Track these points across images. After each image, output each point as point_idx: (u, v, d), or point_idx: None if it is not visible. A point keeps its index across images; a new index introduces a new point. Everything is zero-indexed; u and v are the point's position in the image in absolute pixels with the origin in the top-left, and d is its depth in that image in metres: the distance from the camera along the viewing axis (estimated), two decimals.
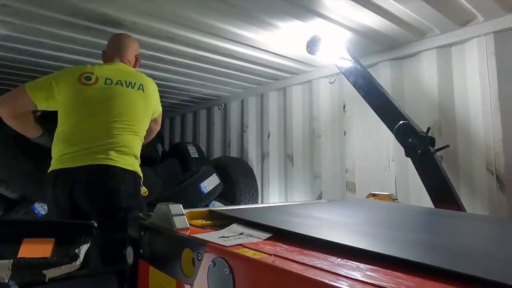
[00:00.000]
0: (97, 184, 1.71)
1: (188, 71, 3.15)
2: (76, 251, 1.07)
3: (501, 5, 1.99)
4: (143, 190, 1.91)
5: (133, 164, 1.84)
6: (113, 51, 2.09)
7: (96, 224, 1.14)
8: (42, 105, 1.84)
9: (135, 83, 1.95)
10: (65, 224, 1.27)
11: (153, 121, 2.15)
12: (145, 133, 2.00)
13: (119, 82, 1.90)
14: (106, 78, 1.88)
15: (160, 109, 2.18)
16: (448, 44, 2.34)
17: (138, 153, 1.90)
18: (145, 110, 1.99)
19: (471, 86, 2.24)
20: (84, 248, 1.09)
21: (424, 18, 2.17)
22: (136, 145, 1.90)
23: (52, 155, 1.81)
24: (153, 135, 2.28)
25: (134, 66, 2.17)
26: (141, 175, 1.90)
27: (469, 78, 2.26)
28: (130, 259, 1.09)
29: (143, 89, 1.97)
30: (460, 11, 2.08)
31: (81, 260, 1.06)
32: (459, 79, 2.31)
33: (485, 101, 2.15)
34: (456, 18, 2.16)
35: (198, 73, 3.19)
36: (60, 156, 1.75)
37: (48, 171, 1.78)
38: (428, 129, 2.04)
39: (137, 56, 2.20)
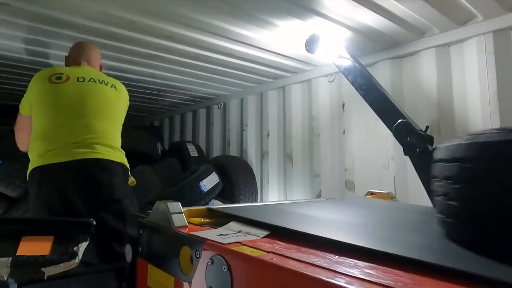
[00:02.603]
0: (90, 178, 1.69)
1: (187, 70, 3.15)
2: (74, 249, 1.07)
3: (500, 4, 1.99)
4: (131, 180, 1.96)
5: (120, 156, 1.88)
6: (79, 55, 2.11)
7: (94, 222, 1.14)
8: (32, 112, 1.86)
9: (108, 82, 2.01)
10: (64, 222, 1.27)
11: None
12: (121, 127, 2.01)
13: (91, 80, 1.93)
14: (78, 77, 1.91)
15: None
16: (447, 43, 2.34)
17: (120, 145, 1.93)
18: (121, 105, 2.05)
19: (470, 85, 2.24)
20: (83, 246, 1.09)
21: (423, 17, 2.17)
22: (118, 138, 1.94)
23: (31, 154, 1.76)
24: None
25: None
26: (128, 166, 1.93)
27: (468, 77, 2.26)
28: (128, 257, 1.09)
29: (115, 88, 2.04)
30: (459, 10, 2.07)
31: (79, 258, 1.06)
32: (458, 78, 2.31)
33: (484, 100, 2.15)
34: (455, 17, 2.16)
35: (197, 72, 3.19)
36: (43, 153, 1.69)
37: (31, 169, 1.72)
38: (427, 127, 2.04)
39: (101, 66, 2.25)
